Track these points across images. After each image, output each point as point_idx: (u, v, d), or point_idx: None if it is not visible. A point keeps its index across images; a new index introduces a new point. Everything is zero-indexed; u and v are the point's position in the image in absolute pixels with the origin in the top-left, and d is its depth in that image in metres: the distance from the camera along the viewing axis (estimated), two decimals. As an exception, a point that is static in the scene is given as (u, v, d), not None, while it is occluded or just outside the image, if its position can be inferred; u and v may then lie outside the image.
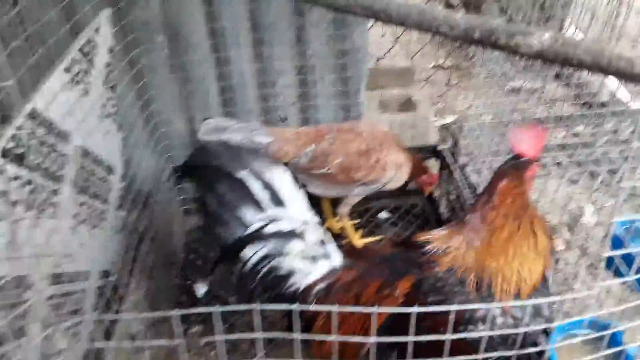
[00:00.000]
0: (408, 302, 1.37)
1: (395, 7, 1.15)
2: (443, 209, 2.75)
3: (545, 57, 0.97)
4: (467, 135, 2.76)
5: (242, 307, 0.97)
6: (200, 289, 2.36)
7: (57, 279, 1.57)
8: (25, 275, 1.27)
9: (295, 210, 1.58)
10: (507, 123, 2.45)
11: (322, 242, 1.60)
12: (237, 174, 1.58)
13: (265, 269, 1.55)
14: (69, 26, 1.70)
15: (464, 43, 1.06)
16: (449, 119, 3.32)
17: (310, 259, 1.58)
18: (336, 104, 2.52)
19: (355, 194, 2.36)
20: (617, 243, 1.88)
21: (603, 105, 2.97)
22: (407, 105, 2.98)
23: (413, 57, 2.75)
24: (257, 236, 1.55)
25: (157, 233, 2.19)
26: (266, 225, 1.55)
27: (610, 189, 2.67)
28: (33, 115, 1.43)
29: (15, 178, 1.34)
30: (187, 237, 2.64)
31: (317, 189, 2.32)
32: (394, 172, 2.25)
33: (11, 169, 1.28)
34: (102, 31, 1.95)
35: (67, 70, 1.66)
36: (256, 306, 0.84)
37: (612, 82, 2.80)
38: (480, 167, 2.60)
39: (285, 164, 2.28)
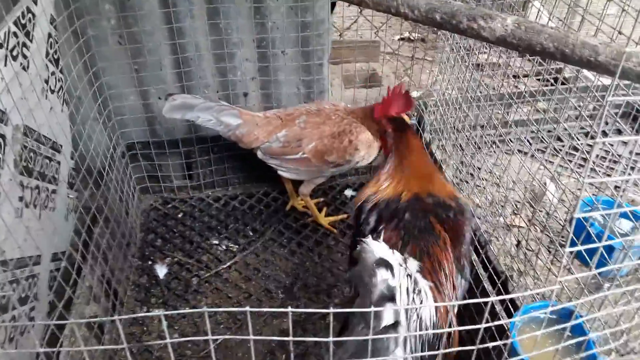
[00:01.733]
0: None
1: (352, -16, 1.07)
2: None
3: (508, 43, 0.92)
4: (431, 111, 2.73)
5: (192, 311, 0.90)
6: (161, 269, 2.29)
7: (2, 266, 1.48)
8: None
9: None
10: (471, 98, 2.42)
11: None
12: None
13: None
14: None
15: (424, 25, 1.00)
16: (413, 94, 3.27)
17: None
18: (298, 79, 2.43)
19: (327, 175, 2.34)
20: (579, 225, 1.90)
21: (567, 81, 2.98)
22: (372, 80, 2.91)
23: (378, 30, 2.67)
24: None
25: (111, 213, 2.09)
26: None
27: (573, 166, 2.70)
28: (-41, 95, 1.31)
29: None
30: (144, 217, 2.55)
31: (289, 173, 2.28)
32: (366, 151, 2.23)
33: None
34: (41, 0, 1.79)
35: (1, 45, 1.52)
36: (205, 310, 0.79)
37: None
38: (444, 143, 2.58)
39: (255, 149, 2.23)
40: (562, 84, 2.68)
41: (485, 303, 0.83)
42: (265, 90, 2.46)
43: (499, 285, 1.77)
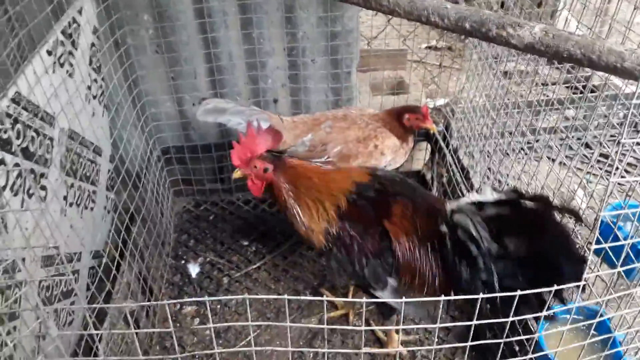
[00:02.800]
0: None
1: (385, -5, 1.13)
2: (435, 191, 2.76)
3: (536, 50, 0.96)
4: (459, 118, 2.75)
5: (234, 297, 0.97)
6: (194, 269, 2.37)
7: (48, 262, 1.57)
8: (15, 260, 1.26)
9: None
10: (499, 106, 2.44)
11: None
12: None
13: None
14: (51, 7, 1.64)
15: (455, 33, 1.04)
16: (440, 101, 3.29)
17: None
18: (327, 86, 2.49)
19: None
20: (606, 229, 1.90)
21: (596, 88, 2.96)
22: (399, 87, 2.96)
23: (405, 39, 2.72)
24: None
25: (148, 214, 2.18)
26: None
27: (601, 173, 2.69)
28: (17, 100, 1.41)
29: (1, 163, 1.32)
30: (178, 218, 2.64)
31: None
32: (392, 156, 2.26)
33: (-6, 153, 1.26)
34: (85, 11, 1.90)
35: (50, 52, 1.62)
36: (246, 297, 0.85)
37: (605, 65, 2.77)
38: (472, 150, 2.60)
39: (283, 152, 2.29)
40: (591, 91, 2.67)
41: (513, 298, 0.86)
42: (294, 97, 2.53)
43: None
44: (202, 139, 2.56)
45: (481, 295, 0.94)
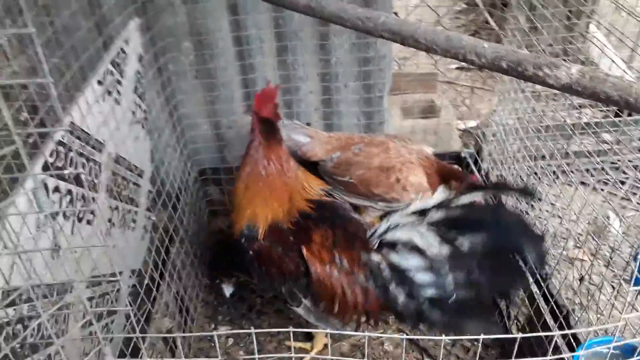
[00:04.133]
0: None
1: (422, 33, 1.17)
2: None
3: (573, 90, 0.98)
4: (490, 140, 2.75)
5: (281, 329, 1.01)
6: (228, 289, 2.43)
7: (94, 281, 1.65)
8: (66, 281, 1.33)
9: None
10: (532, 129, 2.43)
11: None
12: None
13: None
14: (101, 38, 1.75)
15: (492, 71, 1.07)
16: (471, 124, 3.30)
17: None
18: (359, 110, 2.54)
19: (379, 209, 2.37)
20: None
21: (631, 112, 2.93)
22: (430, 110, 2.98)
23: (437, 62, 2.75)
24: None
25: (186, 234, 2.26)
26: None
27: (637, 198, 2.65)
28: (71, 130, 1.50)
29: (55, 190, 1.40)
30: (213, 238, 2.71)
31: (341, 194, 2.36)
32: (417, 195, 2.20)
33: (52, 182, 1.34)
34: (131, 41, 2.00)
35: (100, 82, 1.72)
36: (290, 329, 0.88)
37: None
38: (504, 173, 2.59)
39: (316, 164, 2.33)
40: (628, 115, 2.65)
41: (547, 336, 0.87)
42: (327, 121, 2.58)
43: (561, 319, 1.77)
44: (237, 161, 2.63)
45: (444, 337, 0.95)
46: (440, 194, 1.54)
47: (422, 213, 1.54)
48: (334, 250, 1.70)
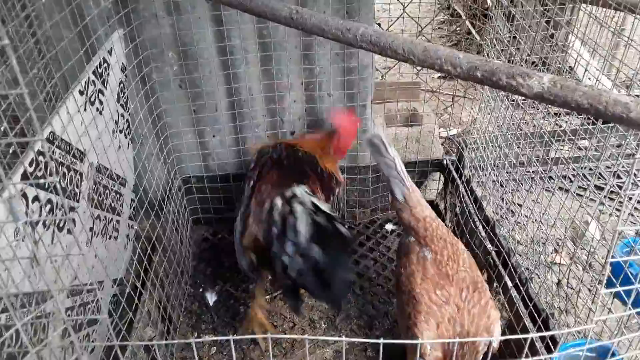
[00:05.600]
0: None
1: (400, 44, 1.20)
2: (448, 221, 2.79)
3: (545, 99, 1.02)
4: (471, 148, 2.79)
5: (258, 336, 1.00)
6: (211, 297, 2.42)
7: (74, 290, 1.64)
8: (45, 290, 1.32)
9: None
10: (512, 137, 2.48)
11: None
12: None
13: None
14: (84, 50, 1.75)
15: (467, 81, 1.10)
16: (453, 131, 3.35)
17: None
18: (342, 118, 2.56)
19: None
20: (619, 265, 1.91)
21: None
22: (413, 118, 3.02)
23: (419, 71, 2.79)
24: None
25: (169, 242, 2.25)
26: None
27: (614, 203, 2.70)
28: (51, 139, 1.49)
29: (35, 199, 1.39)
30: (196, 246, 2.70)
31: None
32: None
33: (31, 191, 1.34)
34: (114, 51, 2.01)
35: (82, 92, 1.72)
36: (269, 336, 0.89)
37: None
38: (484, 180, 2.64)
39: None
40: (604, 122, 2.71)
41: (526, 339, 0.90)
42: (311, 130, 2.60)
43: (540, 322, 1.80)
44: (221, 169, 2.64)
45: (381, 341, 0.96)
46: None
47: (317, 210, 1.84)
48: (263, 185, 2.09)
